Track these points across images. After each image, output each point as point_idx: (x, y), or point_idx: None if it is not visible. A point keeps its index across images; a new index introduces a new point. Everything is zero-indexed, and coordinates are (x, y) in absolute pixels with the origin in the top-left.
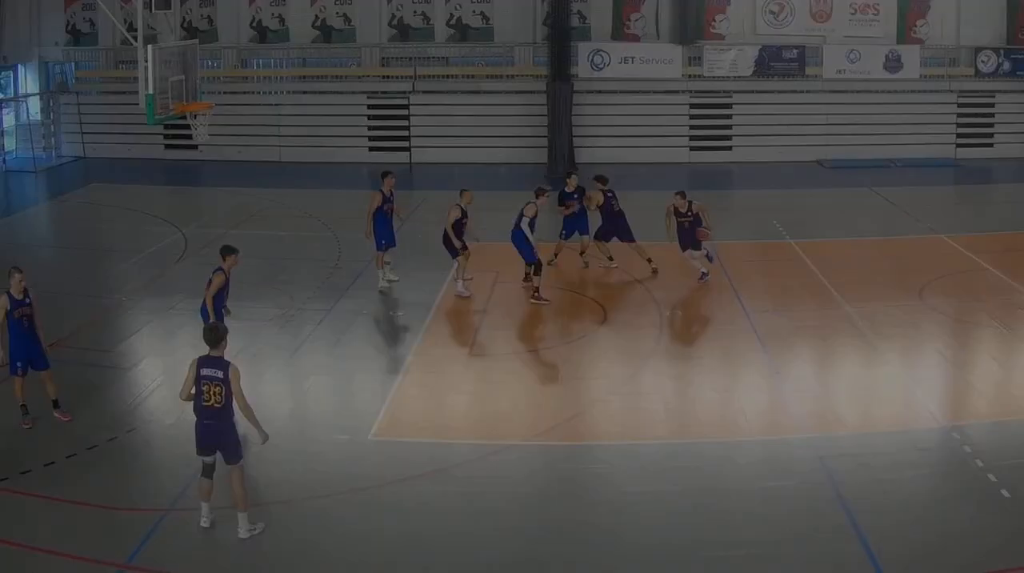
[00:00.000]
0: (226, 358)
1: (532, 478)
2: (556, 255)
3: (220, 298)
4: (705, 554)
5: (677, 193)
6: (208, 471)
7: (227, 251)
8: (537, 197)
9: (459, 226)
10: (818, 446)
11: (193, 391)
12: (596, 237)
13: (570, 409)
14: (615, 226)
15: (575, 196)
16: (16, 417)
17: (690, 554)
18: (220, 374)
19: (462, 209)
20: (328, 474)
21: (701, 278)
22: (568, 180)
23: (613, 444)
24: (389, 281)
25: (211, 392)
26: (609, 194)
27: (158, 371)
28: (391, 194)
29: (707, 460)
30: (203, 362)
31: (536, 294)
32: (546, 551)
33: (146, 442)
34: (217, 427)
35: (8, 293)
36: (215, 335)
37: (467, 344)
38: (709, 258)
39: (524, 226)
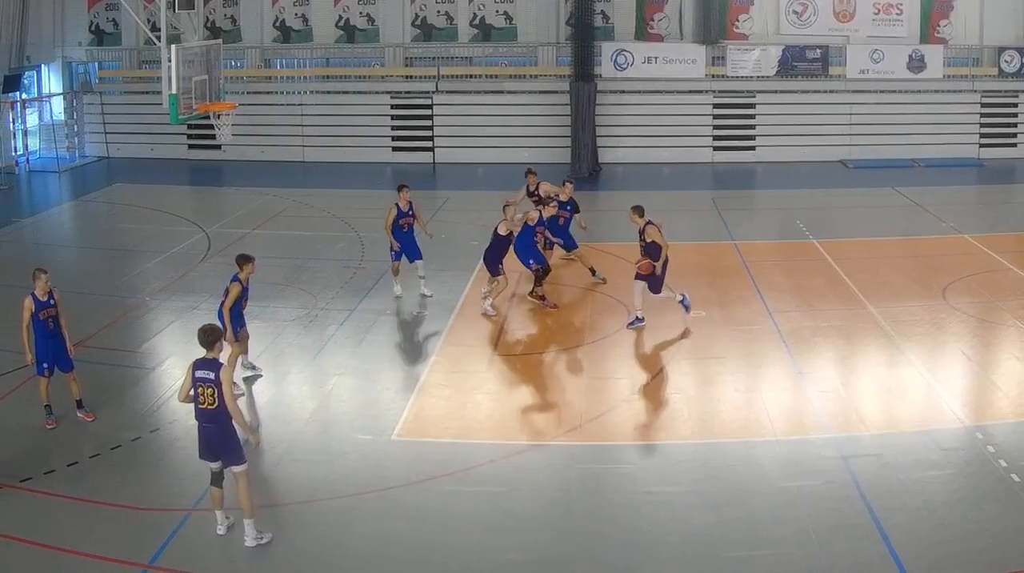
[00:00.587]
0: (221, 360)
1: (555, 478)
2: (591, 269)
3: (237, 307)
4: (728, 554)
5: (633, 207)
6: (216, 479)
7: (243, 260)
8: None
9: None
10: (842, 446)
11: (192, 394)
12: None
13: (594, 409)
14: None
15: (568, 207)
16: (40, 417)
17: (713, 554)
18: (212, 376)
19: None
20: (351, 474)
21: (631, 323)
22: (563, 188)
23: (636, 444)
24: (422, 295)
25: (204, 393)
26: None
27: (181, 371)
28: (409, 208)
29: (730, 460)
30: (198, 364)
31: (537, 295)
32: (569, 551)
33: (170, 442)
34: (214, 429)
35: (33, 294)
36: (209, 337)
37: (490, 344)
38: (685, 306)
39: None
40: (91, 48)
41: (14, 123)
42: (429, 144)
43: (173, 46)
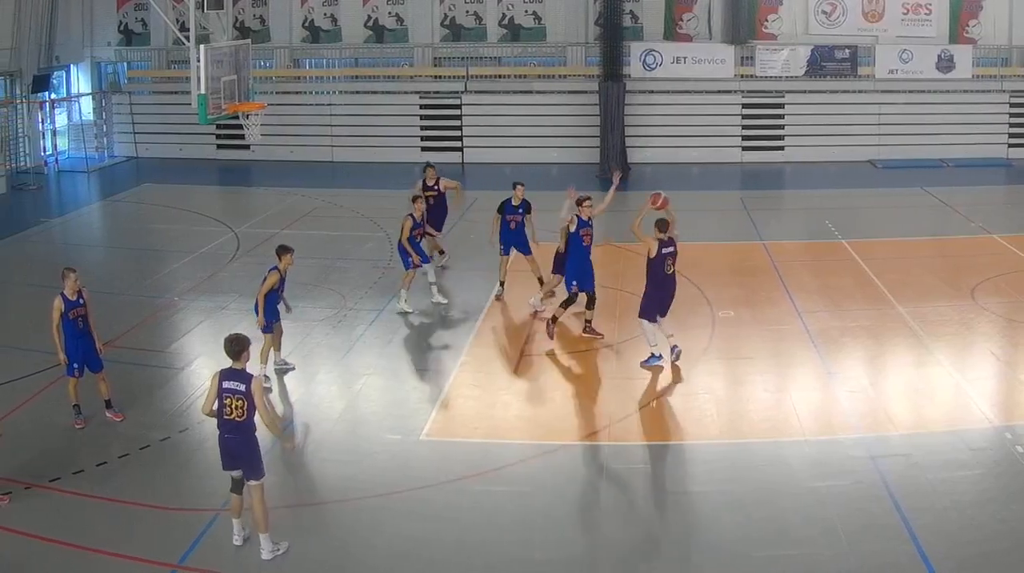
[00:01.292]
0: (248, 370)
1: (584, 478)
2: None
3: (273, 297)
4: (757, 554)
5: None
6: (237, 486)
7: (283, 250)
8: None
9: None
10: (870, 446)
11: (215, 405)
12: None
13: (622, 409)
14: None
15: (520, 210)
16: (69, 417)
17: (742, 554)
18: (243, 388)
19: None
20: (379, 474)
21: (647, 361)
22: (515, 191)
23: (665, 444)
24: (435, 303)
25: (233, 405)
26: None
27: (211, 371)
28: (422, 219)
29: (759, 460)
30: (225, 375)
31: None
32: (597, 551)
33: (199, 442)
34: (238, 441)
35: (62, 294)
36: (236, 346)
37: (518, 344)
38: (673, 353)
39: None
40: (120, 48)
41: (43, 123)
42: (458, 144)
43: (202, 46)
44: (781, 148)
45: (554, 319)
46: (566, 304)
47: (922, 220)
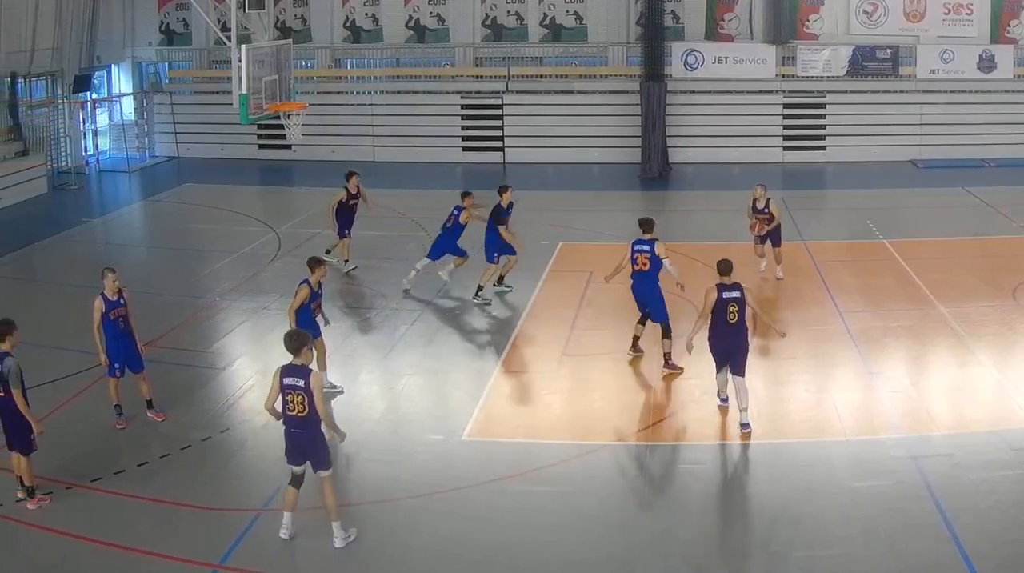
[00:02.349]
0: (310, 366)
1: (625, 478)
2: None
3: (306, 311)
4: (798, 554)
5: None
6: (296, 481)
7: (315, 263)
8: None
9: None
10: (912, 446)
11: (279, 401)
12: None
13: (663, 410)
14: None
15: (509, 212)
16: (110, 417)
17: (782, 553)
18: (302, 383)
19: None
20: (421, 474)
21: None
22: (504, 194)
23: (706, 444)
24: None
25: (294, 401)
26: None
27: (252, 371)
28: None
29: (800, 460)
30: (286, 371)
31: (667, 361)
32: (638, 551)
33: (240, 442)
34: (304, 435)
35: (103, 294)
36: (296, 342)
37: (560, 344)
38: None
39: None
40: (161, 48)
41: (84, 123)
42: (499, 144)
43: (243, 46)
44: (823, 148)
45: (667, 355)
46: (665, 335)
47: (964, 220)
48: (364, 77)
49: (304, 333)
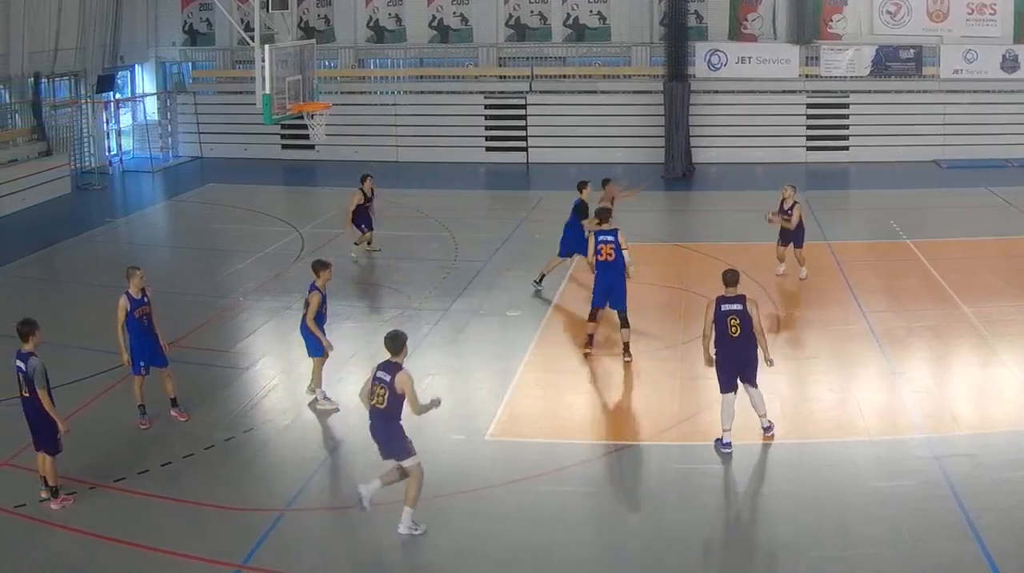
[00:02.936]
0: (402, 364)
1: (648, 479)
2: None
3: (320, 316)
4: (820, 554)
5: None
6: (391, 475)
7: (320, 266)
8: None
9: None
10: (935, 446)
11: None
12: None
13: (687, 410)
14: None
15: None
16: (133, 417)
17: (806, 553)
18: (388, 378)
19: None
20: (444, 474)
21: (724, 445)
22: (584, 190)
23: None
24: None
25: (377, 393)
26: None
27: (275, 371)
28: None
29: (824, 460)
30: (380, 365)
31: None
32: (661, 551)
33: (263, 443)
34: (380, 427)
35: (127, 293)
36: (395, 343)
37: (583, 343)
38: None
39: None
40: (185, 48)
41: (108, 123)
42: (522, 144)
43: (267, 46)
44: (846, 148)
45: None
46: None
47: (987, 220)
48: (387, 77)
49: (404, 335)
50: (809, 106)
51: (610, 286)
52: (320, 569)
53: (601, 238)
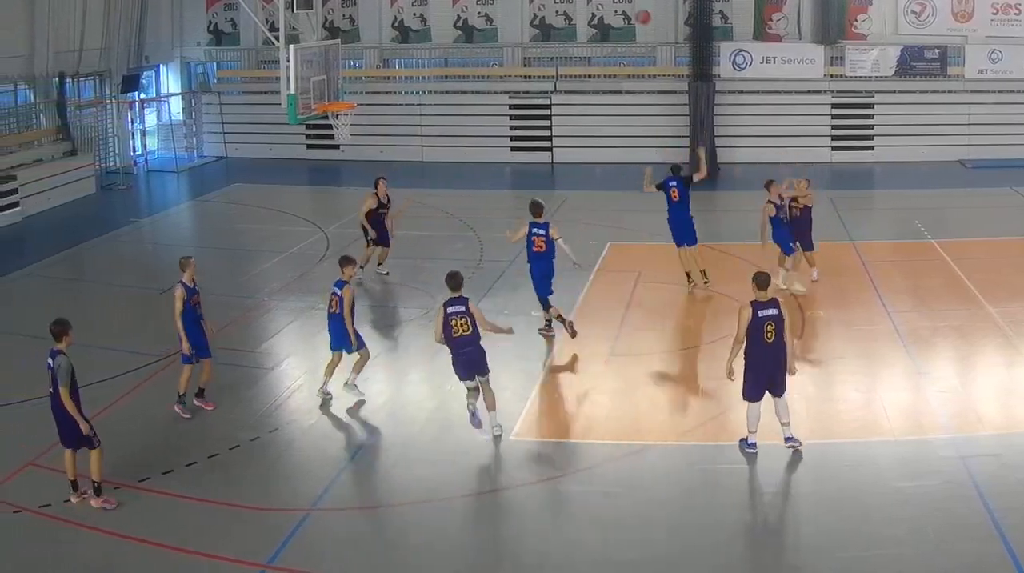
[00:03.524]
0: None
1: (673, 478)
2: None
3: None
4: (844, 554)
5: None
6: (474, 393)
7: (346, 261)
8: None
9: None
10: (960, 446)
11: (443, 331)
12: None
13: (711, 409)
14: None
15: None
16: (158, 417)
17: (830, 553)
18: (463, 309)
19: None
20: (470, 474)
21: (748, 445)
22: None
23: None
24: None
25: (458, 325)
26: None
27: (300, 371)
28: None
29: (848, 460)
30: (448, 303)
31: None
32: (686, 551)
33: (288, 442)
34: (472, 349)
35: (182, 282)
36: (455, 281)
37: (608, 344)
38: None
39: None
40: (209, 48)
41: (133, 123)
42: (547, 144)
43: (292, 46)
44: (871, 148)
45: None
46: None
47: (1012, 220)
48: (412, 77)
49: (460, 273)
50: (834, 106)
51: (542, 275)
52: (346, 570)
53: (535, 230)
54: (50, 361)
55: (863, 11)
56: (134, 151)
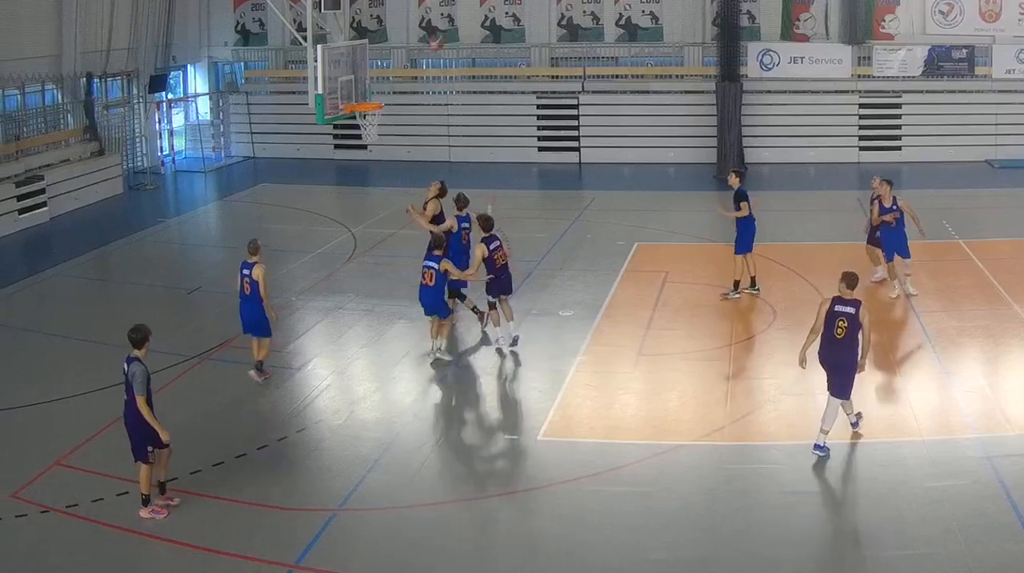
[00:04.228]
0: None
1: (701, 478)
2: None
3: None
4: (873, 554)
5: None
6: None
7: (485, 221)
8: None
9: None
10: (987, 446)
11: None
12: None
13: (739, 409)
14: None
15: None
16: (184, 416)
17: (858, 554)
18: (499, 244)
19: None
20: (498, 474)
21: (820, 449)
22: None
23: (782, 444)
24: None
25: (500, 256)
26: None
27: (327, 371)
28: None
29: (876, 460)
30: (487, 240)
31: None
32: (714, 551)
33: (316, 442)
34: (509, 275)
35: (262, 264)
36: (489, 223)
37: (636, 344)
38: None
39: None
40: (237, 48)
41: (160, 123)
42: (575, 144)
43: (319, 46)
44: (898, 148)
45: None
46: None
47: None
48: (440, 77)
49: (491, 216)
50: (861, 106)
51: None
52: (372, 569)
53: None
54: (125, 368)
55: (891, 11)
56: (161, 151)
